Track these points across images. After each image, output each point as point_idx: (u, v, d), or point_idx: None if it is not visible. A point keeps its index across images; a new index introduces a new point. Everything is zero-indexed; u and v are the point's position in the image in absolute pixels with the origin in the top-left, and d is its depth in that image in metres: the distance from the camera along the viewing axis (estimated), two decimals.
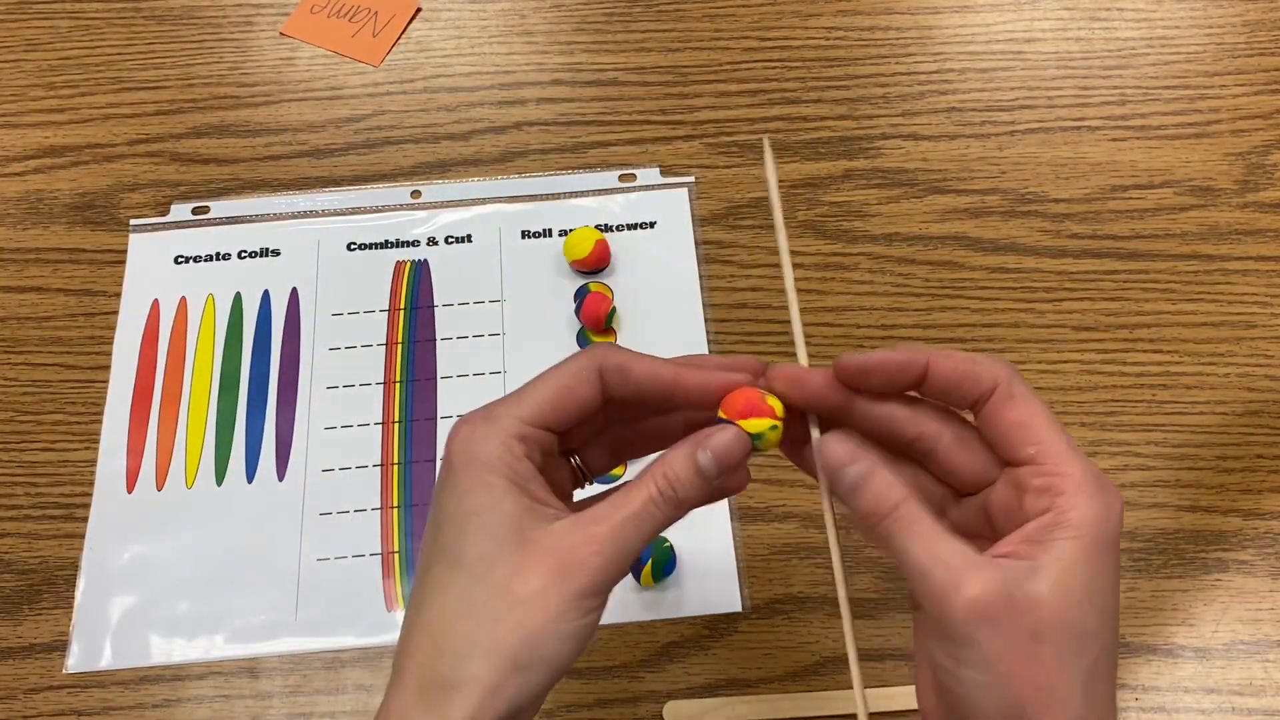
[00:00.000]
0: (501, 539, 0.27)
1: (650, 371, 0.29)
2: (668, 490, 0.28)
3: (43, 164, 0.60)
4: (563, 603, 0.27)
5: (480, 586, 0.27)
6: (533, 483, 0.28)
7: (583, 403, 0.29)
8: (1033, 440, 0.27)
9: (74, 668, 0.47)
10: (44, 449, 0.52)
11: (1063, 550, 0.26)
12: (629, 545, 0.28)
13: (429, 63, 0.64)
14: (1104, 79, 0.62)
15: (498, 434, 0.28)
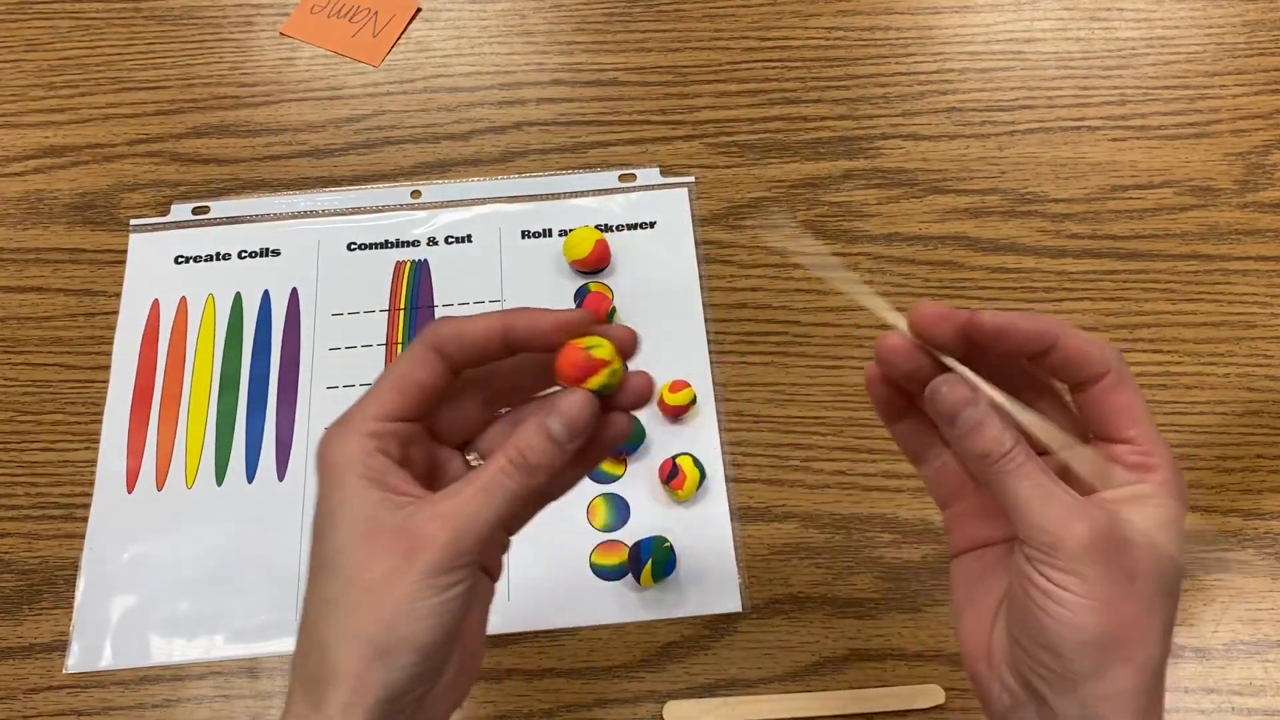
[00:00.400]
0: (352, 532, 0.28)
1: (483, 328, 0.29)
2: (517, 458, 0.28)
3: (43, 164, 0.60)
4: (413, 582, 0.27)
5: (337, 580, 0.28)
6: (391, 475, 0.29)
7: (424, 385, 0.29)
8: (1134, 424, 0.29)
9: (74, 668, 0.47)
10: (44, 449, 0.52)
11: (1156, 512, 0.28)
12: (480, 517, 0.28)
13: (429, 63, 0.64)
14: (1104, 79, 0.62)
15: (350, 435, 0.29)
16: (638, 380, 0.30)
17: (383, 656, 0.27)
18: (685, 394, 0.51)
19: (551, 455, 0.28)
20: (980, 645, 0.31)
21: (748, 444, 0.51)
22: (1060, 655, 0.27)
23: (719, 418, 0.52)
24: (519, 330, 0.29)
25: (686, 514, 0.49)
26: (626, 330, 0.30)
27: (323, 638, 0.27)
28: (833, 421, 0.52)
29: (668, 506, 0.50)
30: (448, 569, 0.27)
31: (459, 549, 0.27)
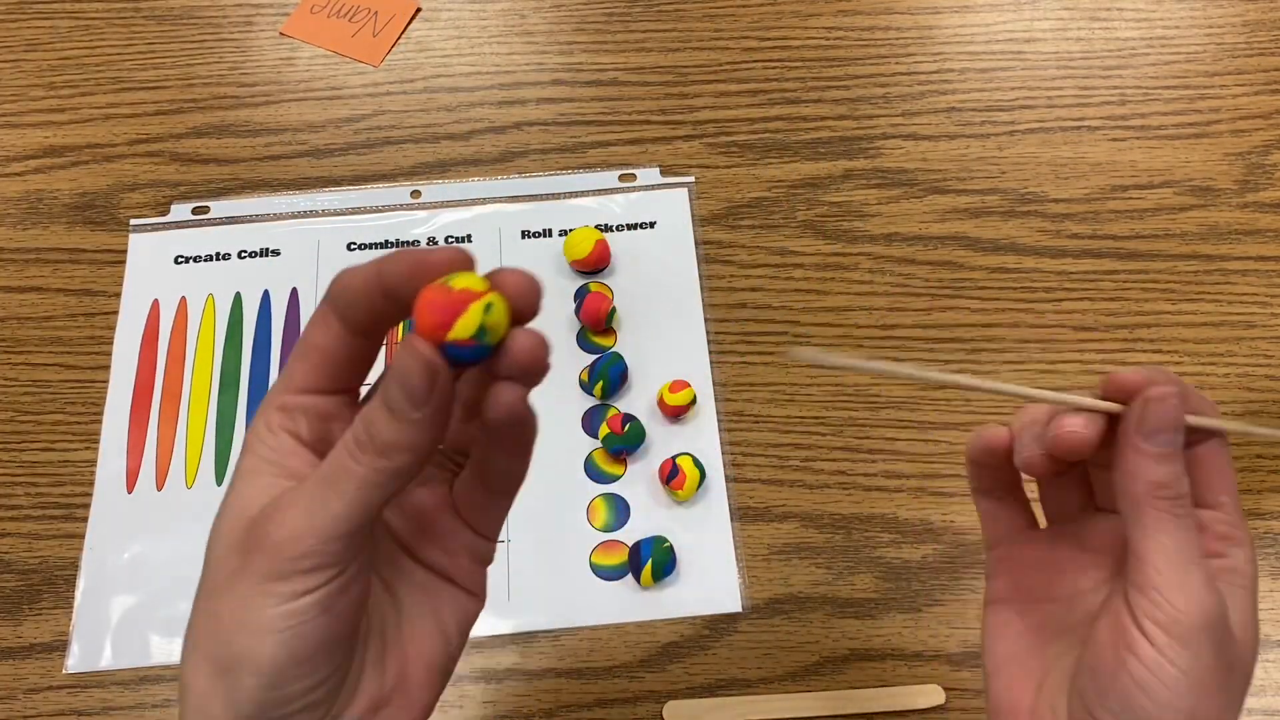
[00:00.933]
0: (221, 521, 0.24)
1: (361, 275, 0.24)
2: (362, 436, 0.23)
3: (43, 164, 0.60)
4: (249, 589, 0.23)
5: (202, 577, 0.24)
6: (294, 458, 0.24)
7: (322, 348, 0.25)
8: (1226, 489, 0.28)
9: (74, 668, 0.47)
10: (44, 449, 0.52)
11: (1245, 599, 0.27)
12: (326, 511, 0.23)
13: (429, 63, 0.64)
14: (1104, 79, 0.62)
15: (260, 415, 0.25)
16: (521, 340, 0.23)
17: (222, 675, 0.23)
18: (685, 394, 0.51)
19: (399, 431, 0.23)
20: (1022, 706, 0.29)
21: (748, 444, 0.51)
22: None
23: (719, 418, 0.52)
24: (388, 274, 0.24)
25: (686, 514, 0.49)
26: (520, 275, 0.23)
27: (183, 642, 0.24)
28: (833, 421, 0.52)
29: (668, 506, 0.50)
30: (287, 574, 0.22)
31: (299, 550, 0.22)
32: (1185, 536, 0.26)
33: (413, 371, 0.22)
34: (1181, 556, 0.26)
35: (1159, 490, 0.26)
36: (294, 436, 0.25)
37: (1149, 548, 0.26)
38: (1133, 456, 0.27)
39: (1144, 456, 0.27)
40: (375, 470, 0.23)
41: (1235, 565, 0.28)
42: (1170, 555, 0.26)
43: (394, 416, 0.23)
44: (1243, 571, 0.28)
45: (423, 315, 0.22)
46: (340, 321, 0.25)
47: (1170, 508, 0.26)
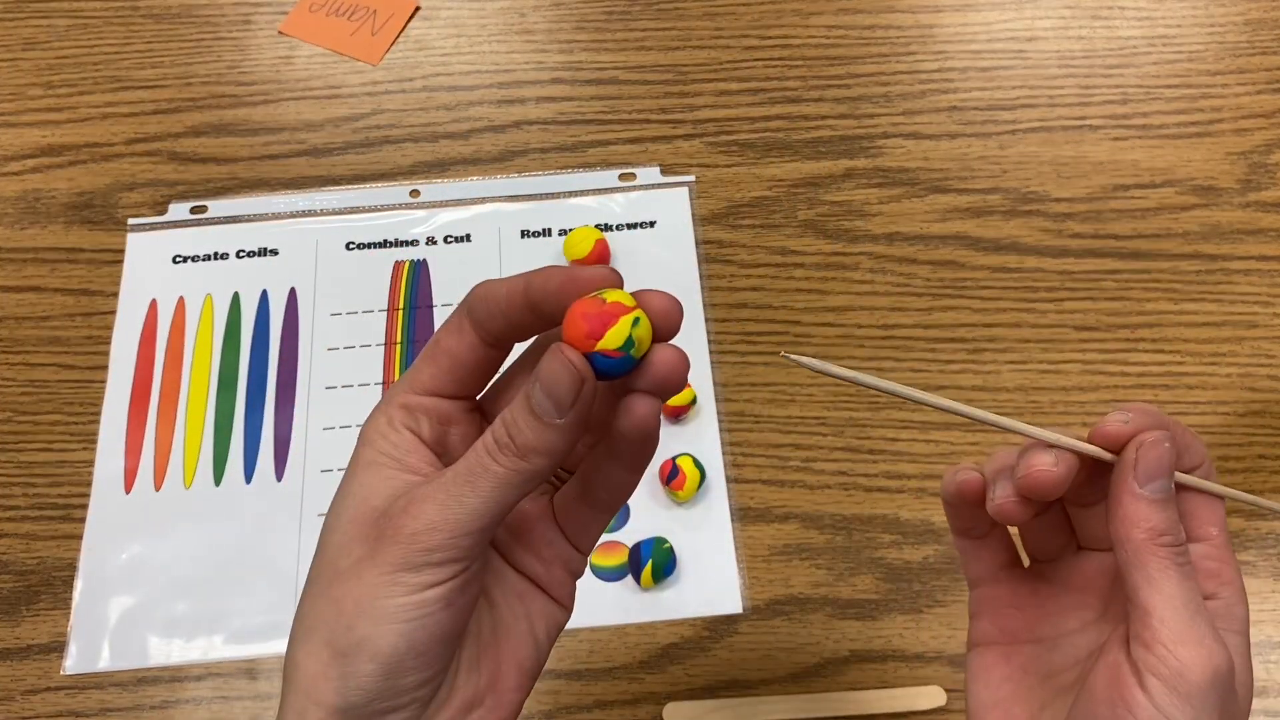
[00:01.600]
0: (344, 509, 0.25)
1: (507, 287, 0.25)
2: (503, 437, 0.24)
3: (40, 163, 0.60)
4: (377, 577, 0.23)
5: (319, 561, 0.25)
6: (414, 455, 0.25)
7: (453, 353, 0.26)
8: (1214, 521, 0.28)
9: (72, 669, 0.46)
10: (42, 449, 0.52)
11: (1240, 645, 0.27)
12: (463, 506, 0.23)
13: (428, 61, 0.64)
14: (1106, 78, 0.62)
15: (382, 410, 0.26)
16: (664, 354, 0.24)
17: (339, 659, 0.23)
18: (685, 394, 0.51)
19: (540, 434, 0.23)
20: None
21: (748, 444, 0.51)
22: None
23: (719, 418, 0.52)
24: (535, 287, 0.25)
25: (686, 515, 0.49)
26: (665, 296, 0.24)
27: (298, 629, 0.24)
28: (833, 422, 0.52)
29: (668, 507, 0.49)
30: (418, 565, 0.23)
31: (433, 542, 0.23)
32: (1189, 585, 0.25)
33: (561, 379, 0.23)
34: (1187, 608, 0.25)
35: (1159, 538, 0.26)
36: (414, 434, 0.26)
37: (1153, 599, 0.25)
38: (1130, 503, 0.26)
39: (1142, 503, 0.26)
40: (514, 471, 0.24)
41: (1229, 608, 0.27)
42: (1176, 607, 0.25)
43: (537, 421, 0.23)
44: (1236, 615, 0.27)
45: (575, 324, 0.23)
46: (475, 330, 0.26)
47: (1172, 556, 0.25)
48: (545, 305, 0.25)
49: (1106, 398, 0.52)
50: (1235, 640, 0.26)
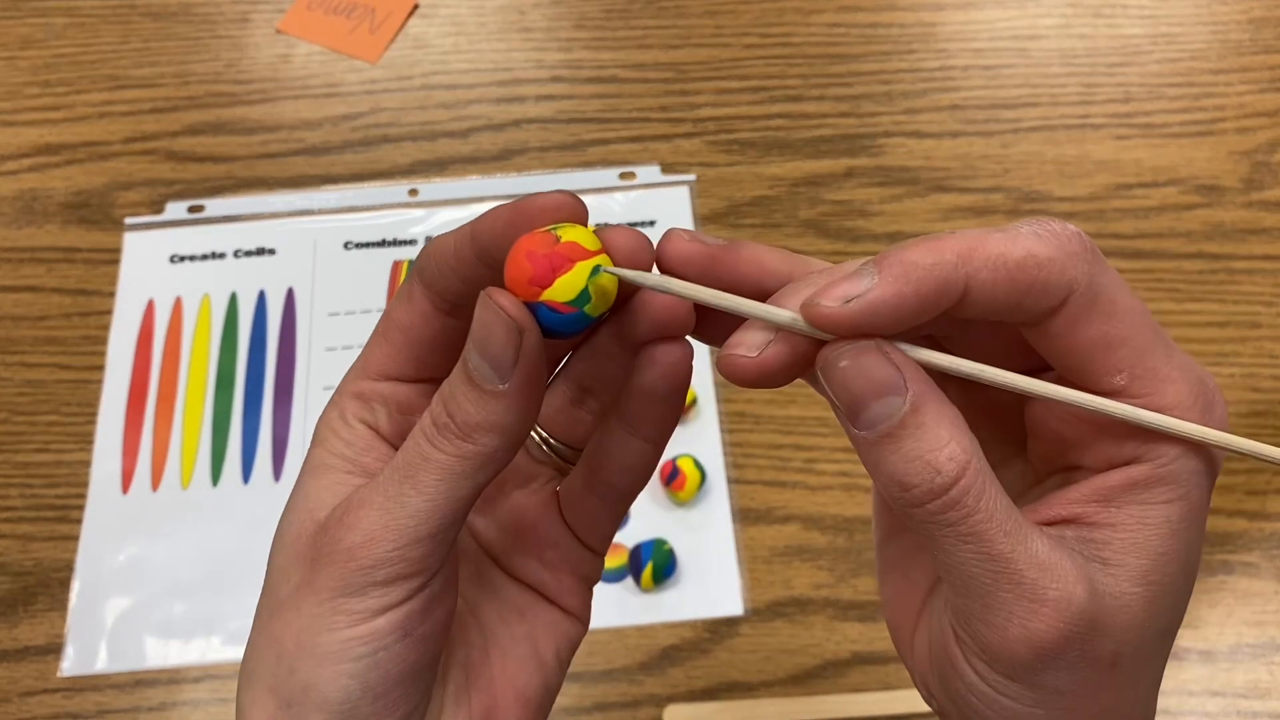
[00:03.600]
0: (286, 529, 0.21)
1: (453, 238, 0.21)
2: (441, 417, 0.19)
3: (37, 162, 0.60)
4: (316, 607, 0.19)
5: (263, 592, 0.21)
6: (371, 453, 0.21)
7: (410, 327, 0.21)
8: (1121, 365, 0.19)
9: (69, 671, 0.46)
10: (39, 450, 0.51)
11: (1159, 521, 0.19)
12: (408, 508, 0.19)
13: (427, 59, 0.63)
14: (1108, 76, 0.62)
15: (334, 404, 0.22)
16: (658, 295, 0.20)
17: (286, 709, 0.19)
18: (686, 395, 0.50)
19: (483, 406, 0.19)
20: (904, 633, 0.23)
21: (749, 445, 0.51)
22: None
23: (720, 419, 0.51)
24: (483, 231, 0.20)
25: (687, 516, 0.49)
26: (630, 234, 0.20)
27: (241, 665, 0.21)
28: (834, 422, 0.51)
29: (668, 508, 0.49)
30: (361, 587, 0.19)
31: (374, 556, 0.19)
32: (980, 545, 0.18)
33: (495, 332, 0.18)
34: (984, 575, 0.18)
35: (911, 494, 0.18)
36: (371, 429, 0.22)
37: (945, 567, 0.19)
38: (864, 450, 0.19)
39: (866, 448, 0.19)
40: (460, 457, 0.19)
41: (1155, 473, 0.19)
42: (967, 577, 0.18)
43: (476, 390, 0.19)
44: (1168, 476, 0.19)
45: (518, 265, 0.18)
46: (427, 295, 0.21)
47: (942, 519, 0.18)
48: (496, 251, 0.20)
49: None
50: (1167, 513, 0.19)
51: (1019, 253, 0.18)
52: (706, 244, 0.20)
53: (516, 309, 0.18)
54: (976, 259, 0.18)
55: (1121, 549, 0.19)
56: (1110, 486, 0.19)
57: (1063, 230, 0.19)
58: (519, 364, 0.19)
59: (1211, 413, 0.19)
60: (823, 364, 0.19)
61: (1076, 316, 0.18)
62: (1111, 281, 0.19)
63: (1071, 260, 0.18)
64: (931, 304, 0.18)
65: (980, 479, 0.18)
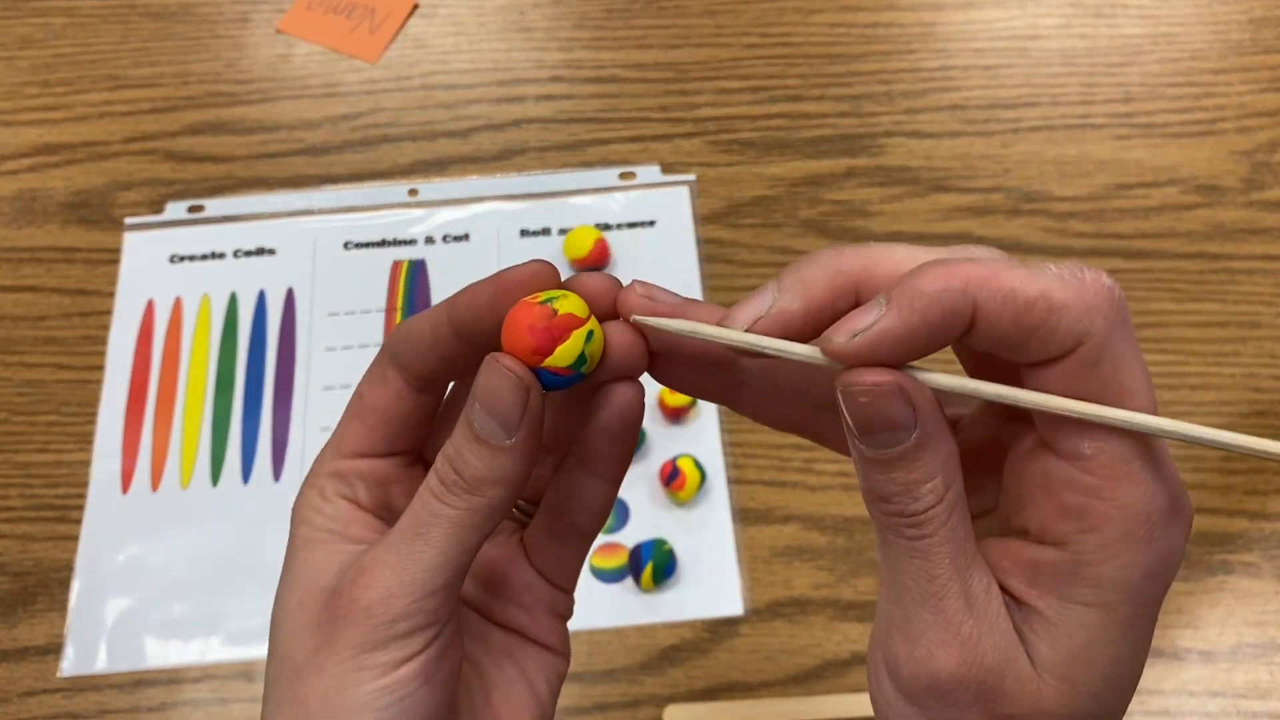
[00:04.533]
0: (288, 599, 0.22)
1: (429, 319, 0.22)
2: (449, 474, 0.21)
3: (37, 162, 0.60)
4: (339, 665, 0.20)
5: (271, 661, 0.22)
6: (355, 525, 0.23)
7: (380, 407, 0.23)
8: (1091, 436, 0.18)
9: (69, 671, 0.46)
10: (38, 450, 0.51)
11: (1075, 623, 0.19)
12: (421, 563, 0.20)
13: (426, 59, 0.63)
14: (1108, 76, 0.62)
15: (311, 484, 0.23)
16: (619, 336, 0.21)
17: None
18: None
19: (490, 462, 0.20)
20: None
21: (749, 445, 0.51)
22: None
23: (720, 418, 0.51)
24: (461, 309, 0.21)
25: (687, 516, 0.49)
26: (602, 278, 0.21)
27: None
28: None
29: (668, 508, 0.49)
30: (383, 641, 0.20)
31: (393, 611, 0.20)
32: (917, 565, 0.19)
33: (503, 392, 0.20)
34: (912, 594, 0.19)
35: (884, 506, 0.19)
36: (351, 502, 0.23)
37: (884, 576, 0.20)
38: (854, 455, 0.20)
39: (858, 458, 0.20)
40: (469, 510, 0.21)
41: (1078, 569, 0.19)
42: (898, 591, 0.19)
43: (483, 446, 0.20)
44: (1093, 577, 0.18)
45: (519, 336, 0.20)
46: (401, 376, 0.23)
47: (902, 531, 0.19)
48: (478, 326, 0.21)
49: None
50: (1085, 617, 0.19)
51: (1033, 291, 0.18)
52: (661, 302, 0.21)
53: (523, 370, 0.20)
54: (987, 289, 0.18)
55: (1040, 633, 0.19)
56: (1036, 562, 0.19)
57: (1094, 280, 0.18)
58: (524, 420, 0.20)
59: (1170, 531, 0.18)
60: (842, 388, 0.19)
61: (1076, 371, 0.18)
62: (1126, 350, 0.18)
63: (1089, 313, 0.18)
64: (940, 330, 0.18)
65: (949, 511, 0.19)
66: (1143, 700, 0.45)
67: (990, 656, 0.19)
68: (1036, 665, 0.19)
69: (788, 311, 0.19)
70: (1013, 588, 0.20)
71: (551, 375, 0.21)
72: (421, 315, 0.22)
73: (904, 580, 0.19)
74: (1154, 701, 0.45)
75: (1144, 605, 0.19)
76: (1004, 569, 0.20)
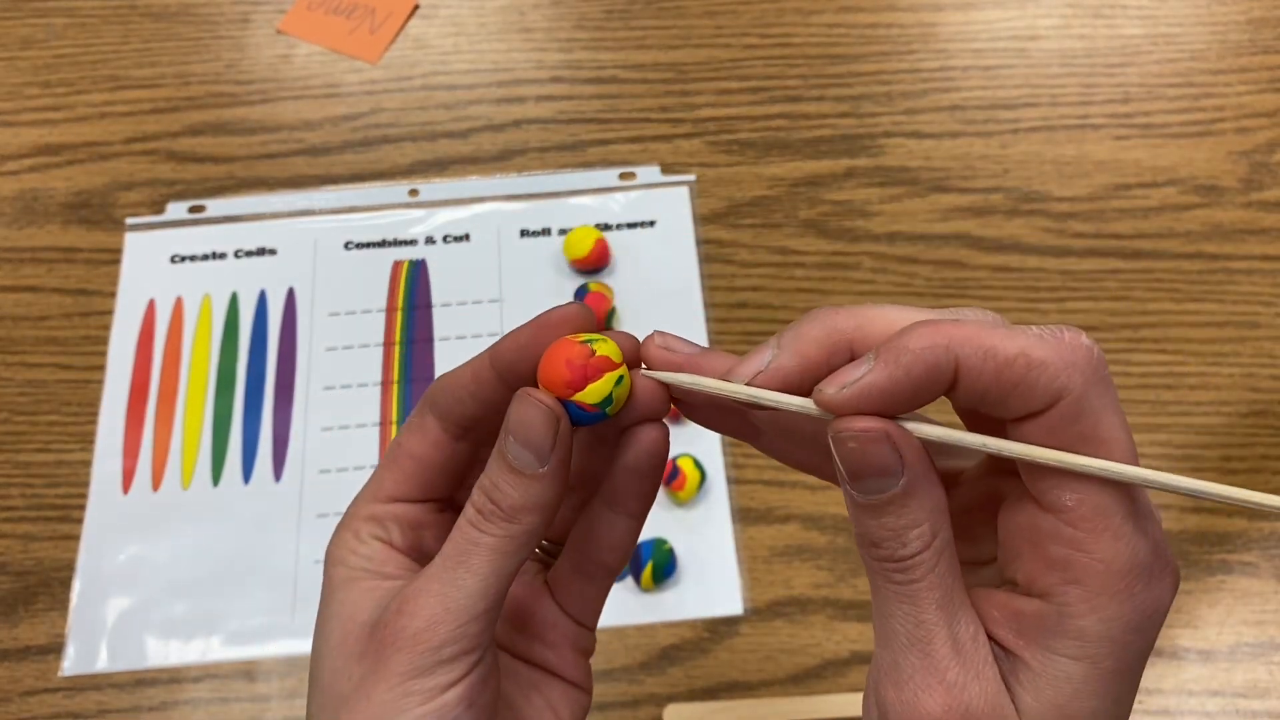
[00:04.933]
0: (330, 634, 0.23)
1: (470, 367, 0.24)
2: (485, 505, 0.22)
3: (38, 162, 0.60)
4: (387, 692, 0.21)
5: (314, 694, 0.23)
6: (390, 565, 0.24)
7: (417, 455, 0.24)
8: (1074, 489, 0.19)
9: (70, 670, 0.46)
10: (39, 450, 0.51)
11: (1059, 675, 0.19)
12: (464, 590, 0.21)
13: (427, 60, 0.63)
14: (1107, 76, 0.62)
15: (346, 526, 0.24)
16: (643, 383, 0.23)
17: None
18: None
19: (525, 490, 0.22)
20: None
21: (748, 445, 0.51)
22: None
23: None
24: (504, 351, 0.23)
25: (687, 516, 0.49)
26: (628, 337, 0.23)
27: None
28: None
29: (668, 508, 0.49)
30: (429, 667, 0.21)
31: (439, 637, 0.21)
32: (906, 610, 0.20)
33: (535, 423, 0.22)
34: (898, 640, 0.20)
35: (874, 551, 0.20)
36: (386, 544, 0.24)
37: (876, 621, 0.21)
38: (849, 503, 0.21)
39: (851, 503, 0.20)
40: (507, 537, 0.22)
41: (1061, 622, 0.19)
42: (886, 637, 0.20)
43: (517, 476, 0.22)
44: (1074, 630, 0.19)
45: (556, 369, 0.22)
46: (440, 424, 0.24)
47: (890, 576, 0.20)
48: (518, 367, 0.23)
49: None
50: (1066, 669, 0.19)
51: (1012, 349, 0.19)
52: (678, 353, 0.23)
53: (553, 401, 0.22)
54: (969, 346, 0.19)
55: (1025, 683, 0.20)
56: (1022, 613, 0.20)
57: (1073, 340, 0.19)
58: (555, 449, 0.22)
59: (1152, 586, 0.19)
60: (833, 434, 0.20)
61: (1056, 425, 0.19)
62: (1105, 405, 0.19)
63: (1068, 369, 0.19)
64: (924, 384, 0.19)
65: (936, 556, 0.20)
66: (1142, 700, 0.45)
67: (976, 703, 0.19)
68: (1021, 715, 0.20)
69: (785, 368, 0.21)
70: (1000, 637, 0.20)
71: (579, 410, 0.22)
72: (462, 365, 0.24)
73: (893, 625, 0.20)
74: (1153, 701, 0.45)
75: (1127, 659, 0.19)
76: (993, 619, 0.21)
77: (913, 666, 0.20)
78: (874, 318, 0.21)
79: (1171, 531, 0.49)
